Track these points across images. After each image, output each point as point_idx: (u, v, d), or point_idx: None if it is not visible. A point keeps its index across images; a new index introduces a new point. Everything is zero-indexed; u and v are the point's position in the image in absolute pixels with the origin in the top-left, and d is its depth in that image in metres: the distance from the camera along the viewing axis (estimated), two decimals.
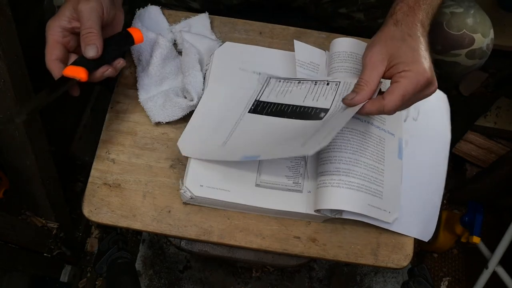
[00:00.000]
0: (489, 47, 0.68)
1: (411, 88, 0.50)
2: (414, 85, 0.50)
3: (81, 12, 0.54)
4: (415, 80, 0.50)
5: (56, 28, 0.55)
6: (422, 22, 0.54)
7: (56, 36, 0.55)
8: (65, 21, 0.55)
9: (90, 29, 0.54)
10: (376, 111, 0.52)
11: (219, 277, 1.20)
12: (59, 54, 0.55)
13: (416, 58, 0.51)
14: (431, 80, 0.52)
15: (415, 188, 0.63)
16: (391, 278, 1.23)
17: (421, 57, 0.51)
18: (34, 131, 0.76)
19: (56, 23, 0.55)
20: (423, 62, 0.51)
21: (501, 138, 1.30)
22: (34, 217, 0.94)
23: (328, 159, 0.58)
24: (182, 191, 0.60)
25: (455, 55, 0.68)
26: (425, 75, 0.51)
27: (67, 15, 0.54)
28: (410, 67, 0.51)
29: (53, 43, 0.55)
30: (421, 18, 0.54)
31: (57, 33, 0.55)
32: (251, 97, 0.65)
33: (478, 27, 0.65)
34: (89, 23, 0.54)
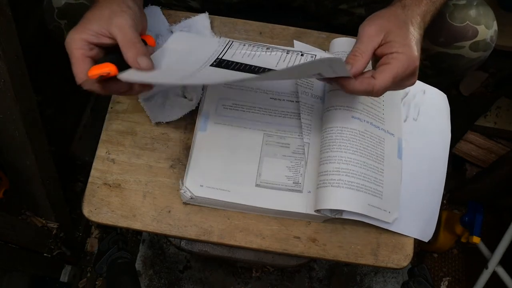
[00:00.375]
0: (493, 39, 0.67)
1: (402, 71, 0.50)
2: (404, 68, 0.50)
3: (121, 29, 0.51)
4: (406, 64, 0.50)
5: (82, 42, 0.51)
6: (423, 15, 0.54)
7: (83, 50, 0.51)
8: (92, 35, 0.51)
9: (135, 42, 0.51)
10: (364, 91, 0.50)
11: (219, 277, 1.20)
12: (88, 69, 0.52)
13: (410, 44, 0.50)
14: (416, 70, 0.51)
15: (415, 188, 0.63)
16: (391, 278, 1.23)
17: (414, 44, 0.51)
18: (34, 131, 0.76)
19: (81, 36, 0.51)
20: (415, 50, 0.50)
21: (501, 138, 1.30)
22: (34, 217, 0.94)
23: (328, 159, 0.58)
24: (182, 191, 0.60)
25: (458, 48, 0.67)
26: (415, 63, 0.50)
27: (95, 29, 0.51)
28: (403, 50, 0.50)
29: (82, 57, 0.51)
30: (424, 10, 0.54)
31: (84, 47, 0.51)
32: (211, 55, 0.58)
33: (482, 19, 0.65)
34: (131, 37, 0.51)
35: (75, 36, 0.51)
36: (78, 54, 0.51)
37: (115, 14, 0.51)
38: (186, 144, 0.66)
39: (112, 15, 0.51)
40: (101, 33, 0.51)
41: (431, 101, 0.67)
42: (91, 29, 0.51)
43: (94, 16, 0.52)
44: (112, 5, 0.52)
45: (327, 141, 0.59)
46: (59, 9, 0.68)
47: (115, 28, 0.51)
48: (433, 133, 0.66)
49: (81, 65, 0.51)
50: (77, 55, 0.51)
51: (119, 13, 0.51)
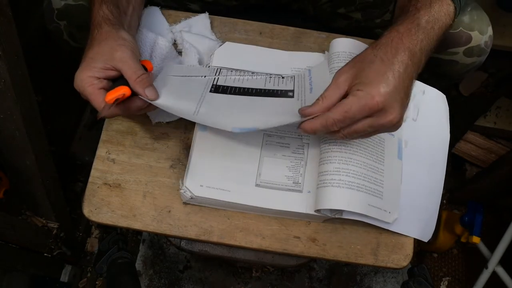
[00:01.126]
0: (487, 44, 0.67)
1: (356, 108, 0.48)
2: (360, 105, 0.48)
3: (122, 62, 0.55)
4: (363, 101, 0.48)
5: (91, 79, 0.54)
6: (410, 49, 0.51)
7: (95, 85, 0.54)
8: (98, 72, 0.54)
9: (140, 72, 0.55)
10: (319, 125, 0.50)
11: (219, 277, 1.20)
12: None
13: (374, 81, 0.48)
14: (382, 107, 0.48)
15: (415, 188, 0.63)
16: (391, 278, 1.23)
17: (381, 81, 0.48)
18: (34, 131, 0.76)
19: (89, 74, 0.54)
20: (380, 86, 0.48)
21: (501, 138, 1.30)
22: (34, 217, 0.94)
23: (328, 159, 0.58)
24: (182, 191, 0.60)
25: (452, 53, 0.67)
26: (374, 99, 0.48)
27: (100, 66, 0.54)
28: (363, 88, 0.49)
29: (97, 92, 0.54)
30: (409, 45, 0.51)
31: (94, 82, 0.54)
32: (207, 82, 0.64)
33: (475, 25, 0.65)
34: (135, 68, 0.55)
35: (83, 76, 0.54)
36: (91, 90, 0.54)
37: (114, 49, 0.55)
38: (186, 144, 0.66)
39: (112, 51, 0.55)
40: (106, 68, 0.55)
41: (430, 101, 0.67)
42: (96, 67, 0.54)
43: (95, 54, 0.55)
44: (108, 41, 0.55)
45: (327, 141, 0.59)
46: (58, 10, 0.68)
47: (119, 63, 0.54)
48: (432, 133, 0.66)
49: (97, 97, 0.54)
50: (91, 91, 0.54)
51: (118, 47, 0.55)
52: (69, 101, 1.19)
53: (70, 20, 0.69)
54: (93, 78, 0.54)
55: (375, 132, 0.52)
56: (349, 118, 0.49)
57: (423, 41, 0.52)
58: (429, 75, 0.75)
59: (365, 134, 0.52)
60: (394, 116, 0.49)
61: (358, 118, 0.49)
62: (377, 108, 0.48)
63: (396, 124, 0.50)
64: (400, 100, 0.49)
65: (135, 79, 0.54)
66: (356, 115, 0.49)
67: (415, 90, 0.66)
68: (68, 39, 0.73)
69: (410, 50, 0.51)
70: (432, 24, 0.53)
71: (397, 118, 0.49)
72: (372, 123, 0.50)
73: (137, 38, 0.67)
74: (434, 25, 0.53)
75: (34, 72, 0.72)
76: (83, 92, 0.55)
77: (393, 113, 0.49)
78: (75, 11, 0.68)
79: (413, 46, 0.51)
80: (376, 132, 0.52)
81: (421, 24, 0.52)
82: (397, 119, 0.49)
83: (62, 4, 0.67)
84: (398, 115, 0.49)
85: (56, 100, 1.09)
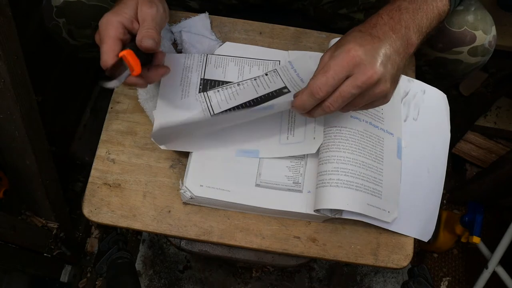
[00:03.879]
0: (491, 44, 0.67)
1: (334, 65, 0.48)
2: (337, 61, 0.48)
3: (146, 15, 0.54)
4: (339, 57, 0.48)
5: (118, 24, 0.53)
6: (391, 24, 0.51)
7: (118, 32, 0.53)
8: (127, 19, 0.53)
9: (152, 26, 0.54)
10: (306, 95, 0.50)
11: (219, 277, 1.20)
12: (119, 52, 0.53)
13: (350, 41, 0.49)
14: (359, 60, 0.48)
15: (415, 188, 0.63)
16: (391, 278, 1.23)
17: (356, 40, 0.49)
18: (34, 131, 0.76)
19: (118, 19, 0.53)
20: (355, 43, 0.48)
21: (501, 138, 1.30)
22: (34, 217, 0.94)
23: (327, 159, 0.58)
24: (182, 191, 0.60)
25: (457, 53, 0.67)
26: (350, 52, 0.48)
27: (130, 14, 0.54)
28: (339, 48, 0.49)
29: (116, 39, 0.53)
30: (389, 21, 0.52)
31: (119, 30, 0.53)
32: (204, 116, 0.63)
33: (479, 24, 0.65)
34: (152, 24, 0.54)
35: (113, 19, 0.53)
36: (113, 34, 0.53)
37: (143, 3, 0.54)
38: None
39: (141, 4, 0.54)
40: (134, 18, 0.54)
41: (431, 101, 0.67)
42: (127, 13, 0.54)
43: (126, 3, 0.55)
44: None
45: (326, 141, 0.59)
46: (57, 8, 0.68)
47: (143, 14, 0.54)
48: (433, 133, 0.66)
49: (112, 45, 0.53)
50: (112, 35, 0.53)
51: (147, 3, 0.55)
52: (69, 101, 1.19)
53: (69, 17, 0.69)
54: (121, 25, 0.53)
55: (363, 97, 0.50)
56: (330, 78, 0.48)
57: (408, 21, 0.52)
58: (433, 76, 0.75)
59: (356, 102, 0.51)
60: (374, 71, 0.48)
61: (339, 77, 0.48)
62: (353, 62, 0.48)
63: (380, 83, 0.49)
64: (379, 60, 0.49)
65: (141, 30, 0.53)
66: (336, 73, 0.48)
67: (416, 89, 0.67)
68: (67, 36, 0.73)
69: (390, 25, 0.51)
70: (419, 4, 0.53)
71: (377, 74, 0.48)
72: (354, 82, 0.48)
73: None
74: (421, 5, 0.53)
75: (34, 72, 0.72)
76: (103, 32, 0.53)
77: (373, 68, 0.48)
78: (74, 8, 0.68)
79: (395, 23, 0.52)
80: (365, 98, 0.50)
81: (403, 5, 0.53)
82: (378, 76, 0.48)
83: (61, 1, 0.67)
84: (378, 72, 0.48)
85: (56, 100, 1.09)
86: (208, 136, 0.62)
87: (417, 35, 0.53)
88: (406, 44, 0.52)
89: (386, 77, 0.49)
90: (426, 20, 0.54)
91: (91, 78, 1.27)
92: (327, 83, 0.49)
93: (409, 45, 0.52)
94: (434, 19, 0.55)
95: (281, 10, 0.82)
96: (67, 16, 0.69)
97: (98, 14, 0.69)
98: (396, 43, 0.51)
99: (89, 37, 0.73)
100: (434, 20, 0.55)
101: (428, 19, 0.54)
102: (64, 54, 1.08)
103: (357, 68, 0.48)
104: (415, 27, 0.53)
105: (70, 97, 1.20)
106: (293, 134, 0.62)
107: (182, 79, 0.66)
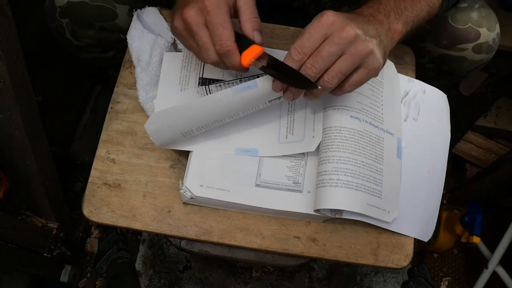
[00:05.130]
0: (495, 42, 0.67)
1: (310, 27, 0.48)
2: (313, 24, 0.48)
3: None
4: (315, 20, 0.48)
5: (227, 7, 0.50)
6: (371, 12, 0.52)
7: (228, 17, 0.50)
8: (231, 1, 0.51)
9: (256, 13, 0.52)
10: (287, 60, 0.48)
11: (219, 277, 1.20)
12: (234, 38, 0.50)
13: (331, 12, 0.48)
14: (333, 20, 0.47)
15: (415, 188, 0.63)
16: (391, 278, 1.23)
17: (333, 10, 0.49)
18: (34, 131, 0.76)
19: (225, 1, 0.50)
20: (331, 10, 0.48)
21: (501, 138, 1.30)
22: (34, 217, 0.94)
23: (327, 159, 0.58)
24: (182, 191, 0.60)
25: (461, 50, 0.68)
26: (324, 14, 0.48)
27: None
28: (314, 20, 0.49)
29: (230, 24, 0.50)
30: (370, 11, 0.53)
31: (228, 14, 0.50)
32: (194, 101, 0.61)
33: (483, 21, 0.65)
34: (253, 9, 0.52)
35: (221, 0, 0.50)
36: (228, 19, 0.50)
37: None
38: None
39: None
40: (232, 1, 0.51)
41: (431, 101, 0.67)
42: None
43: None
44: None
45: (325, 141, 0.59)
46: (61, 8, 0.68)
47: None
48: (433, 133, 0.66)
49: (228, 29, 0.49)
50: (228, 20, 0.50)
51: None
52: (69, 101, 1.19)
53: (72, 17, 0.69)
54: (228, 8, 0.50)
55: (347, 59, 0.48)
56: (305, 39, 0.48)
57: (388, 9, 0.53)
58: (436, 73, 0.75)
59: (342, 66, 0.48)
60: (350, 27, 0.47)
61: (314, 38, 0.47)
62: (327, 22, 0.47)
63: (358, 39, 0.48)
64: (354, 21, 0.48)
65: (249, 18, 0.51)
66: (311, 34, 0.47)
67: (416, 89, 0.67)
68: (70, 37, 0.73)
69: (368, 11, 0.52)
70: None
71: (353, 28, 0.47)
72: (331, 39, 0.47)
73: (136, 38, 0.67)
74: None
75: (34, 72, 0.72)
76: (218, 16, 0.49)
77: (348, 24, 0.47)
78: (78, 8, 0.68)
79: (373, 10, 0.52)
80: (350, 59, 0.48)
81: None
82: (354, 30, 0.47)
83: (64, 2, 0.67)
84: (354, 26, 0.47)
85: (56, 100, 1.09)
86: (207, 135, 0.62)
87: (401, 22, 0.53)
88: (388, 28, 0.52)
89: (365, 35, 0.48)
90: (411, 9, 0.54)
91: (91, 78, 1.27)
92: (303, 45, 0.48)
93: (391, 30, 0.53)
94: (423, 10, 0.55)
95: (282, 9, 0.82)
96: (71, 17, 0.69)
97: (102, 14, 0.69)
98: (373, 22, 0.51)
99: (93, 37, 0.73)
100: (423, 11, 0.55)
101: (414, 10, 0.55)
102: (64, 54, 1.08)
103: (332, 27, 0.47)
104: (397, 15, 0.53)
105: (70, 97, 1.19)
106: (292, 133, 0.62)
107: (181, 78, 0.66)
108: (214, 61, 0.52)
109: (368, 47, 0.48)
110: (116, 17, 0.71)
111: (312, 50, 0.48)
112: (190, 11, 0.50)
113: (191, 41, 0.53)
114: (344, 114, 0.59)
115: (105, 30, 0.72)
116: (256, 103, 0.56)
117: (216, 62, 0.52)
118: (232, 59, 0.50)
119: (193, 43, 0.52)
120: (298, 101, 0.64)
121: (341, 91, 0.52)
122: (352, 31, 0.47)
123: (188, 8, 0.50)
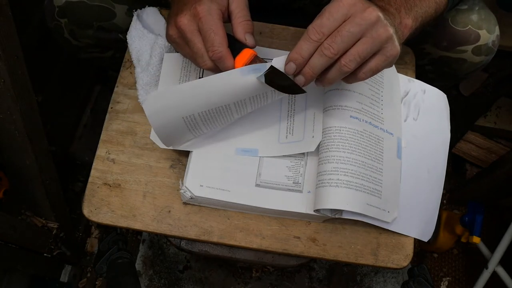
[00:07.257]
0: (495, 44, 0.67)
1: (330, 7, 0.46)
2: (333, 3, 0.46)
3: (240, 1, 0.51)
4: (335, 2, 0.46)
5: (219, 12, 0.50)
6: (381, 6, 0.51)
7: (221, 20, 0.50)
8: (223, 7, 0.50)
9: (248, 16, 0.51)
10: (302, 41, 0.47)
11: (219, 277, 1.20)
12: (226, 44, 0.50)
13: None
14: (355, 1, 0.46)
15: (415, 188, 0.63)
16: (391, 278, 1.23)
17: None
18: (34, 131, 0.76)
19: (216, 6, 0.50)
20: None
21: (501, 138, 1.30)
22: (34, 217, 0.94)
23: (327, 159, 0.58)
24: (182, 191, 0.60)
25: (461, 52, 0.68)
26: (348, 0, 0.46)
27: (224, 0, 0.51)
28: None
29: (223, 31, 0.49)
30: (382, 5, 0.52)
31: (220, 19, 0.50)
32: None
33: (483, 23, 0.65)
34: (246, 12, 0.51)
35: (213, 6, 0.50)
36: (220, 24, 0.50)
37: None
38: None
39: None
40: (225, 6, 0.51)
41: (431, 101, 0.67)
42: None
43: None
44: None
45: (325, 141, 0.59)
46: (59, 8, 0.68)
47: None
48: (433, 133, 0.66)
49: (221, 36, 0.49)
50: (219, 25, 0.49)
51: None
52: (69, 101, 1.19)
53: (71, 17, 0.69)
54: (220, 14, 0.50)
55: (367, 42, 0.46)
56: (325, 18, 0.46)
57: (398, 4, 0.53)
58: (436, 75, 0.75)
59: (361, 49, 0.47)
60: (372, 8, 0.46)
61: (334, 17, 0.46)
62: (350, 1, 0.46)
63: (380, 23, 0.46)
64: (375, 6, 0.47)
65: (241, 21, 0.51)
66: (331, 14, 0.46)
67: (416, 89, 0.67)
68: (69, 37, 0.73)
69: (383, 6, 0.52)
70: None
71: (375, 11, 0.46)
72: (352, 19, 0.46)
73: (136, 38, 0.67)
74: None
75: (34, 72, 0.72)
76: (210, 22, 0.49)
77: (370, 6, 0.46)
78: (77, 8, 0.68)
79: (384, 4, 0.52)
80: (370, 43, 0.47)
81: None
82: (377, 13, 0.46)
83: (63, 1, 0.67)
84: (376, 10, 0.46)
85: (56, 100, 1.09)
86: (207, 135, 0.62)
87: (411, 18, 0.53)
88: (399, 22, 0.52)
89: (386, 20, 0.47)
90: (420, 5, 0.54)
91: (91, 78, 1.27)
92: (322, 24, 0.46)
93: (402, 24, 0.52)
94: (430, 7, 0.55)
95: (282, 9, 0.82)
96: (69, 16, 0.69)
97: (100, 14, 0.70)
98: (387, 13, 0.50)
99: (91, 37, 0.73)
100: (430, 8, 0.55)
101: (423, 6, 0.55)
102: (64, 54, 1.08)
103: (354, 7, 0.46)
104: (407, 10, 0.53)
105: (70, 97, 1.20)
106: (292, 133, 0.62)
107: (181, 78, 0.66)
108: (210, 67, 0.52)
109: (389, 31, 0.47)
110: (115, 17, 0.71)
111: (331, 30, 0.46)
112: (183, 19, 0.50)
113: (186, 49, 0.53)
114: (344, 114, 0.59)
115: (103, 29, 0.72)
116: (264, 89, 0.53)
117: (212, 68, 0.52)
118: (225, 64, 0.50)
119: (189, 50, 0.52)
120: (298, 101, 0.64)
121: (354, 78, 0.50)
122: (375, 13, 0.46)
123: (181, 16, 0.50)
